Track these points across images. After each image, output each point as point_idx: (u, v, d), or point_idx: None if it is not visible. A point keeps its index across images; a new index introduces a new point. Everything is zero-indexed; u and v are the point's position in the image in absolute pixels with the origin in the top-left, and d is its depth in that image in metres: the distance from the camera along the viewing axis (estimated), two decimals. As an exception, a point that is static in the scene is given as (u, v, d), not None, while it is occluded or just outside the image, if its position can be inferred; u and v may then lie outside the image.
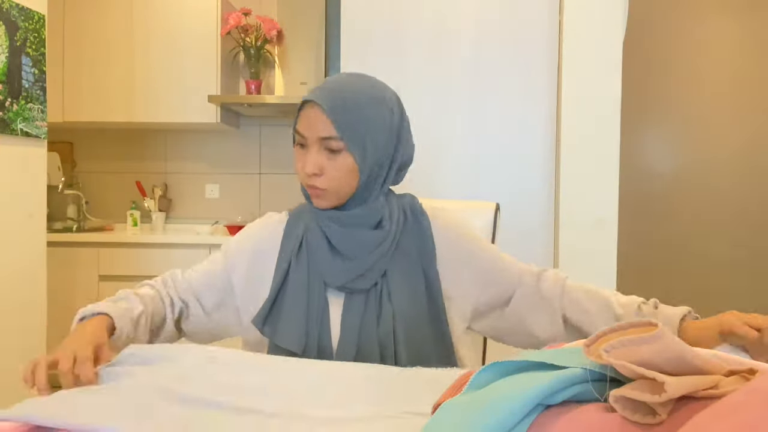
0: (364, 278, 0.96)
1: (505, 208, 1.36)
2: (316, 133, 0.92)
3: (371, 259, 0.96)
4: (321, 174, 0.94)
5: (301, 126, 0.94)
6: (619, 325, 0.44)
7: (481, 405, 0.46)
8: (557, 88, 1.97)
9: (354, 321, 0.95)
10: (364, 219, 0.97)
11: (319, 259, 0.97)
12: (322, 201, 0.96)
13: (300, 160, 0.96)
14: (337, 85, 0.95)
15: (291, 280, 0.98)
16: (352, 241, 0.96)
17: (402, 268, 0.98)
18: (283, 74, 3.05)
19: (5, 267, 2.00)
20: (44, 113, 2.17)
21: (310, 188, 0.96)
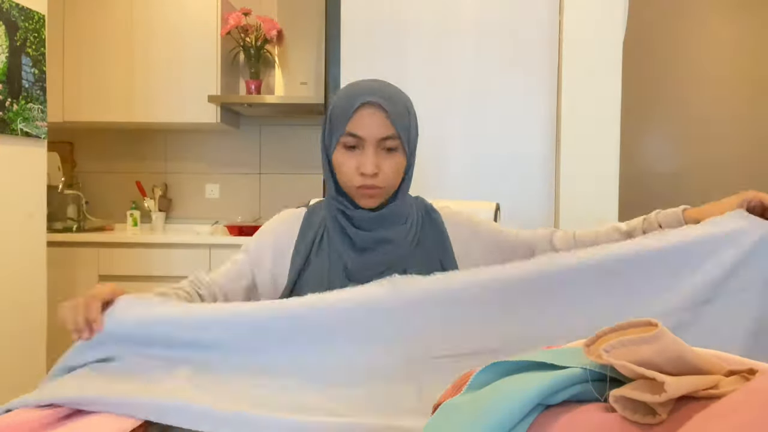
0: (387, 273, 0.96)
1: (505, 208, 1.36)
2: (377, 134, 0.96)
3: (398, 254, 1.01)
4: (379, 173, 0.97)
5: (358, 127, 0.96)
6: (619, 325, 0.44)
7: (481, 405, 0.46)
8: (557, 88, 1.97)
9: None
10: (396, 217, 1.02)
11: (342, 251, 1.01)
12: (375, 200, 1.00)
13: (351, 162, 0.98)
14: (382, 87, 0.99)
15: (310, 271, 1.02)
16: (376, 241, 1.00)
17: (422, 263, 1.02)
18: (283, 74, 3.05)
19: (5, 267, 2.00)
20: (44, 113, 2.17)
21: (364, 188, 0.98)
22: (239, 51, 3.10)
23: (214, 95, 2.90)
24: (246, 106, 2.97)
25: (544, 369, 0.47)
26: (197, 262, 2.77)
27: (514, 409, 0.43)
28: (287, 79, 3.03)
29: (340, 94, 1.02)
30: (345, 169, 0.99)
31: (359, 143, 0.97)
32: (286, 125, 3.27)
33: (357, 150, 0.98)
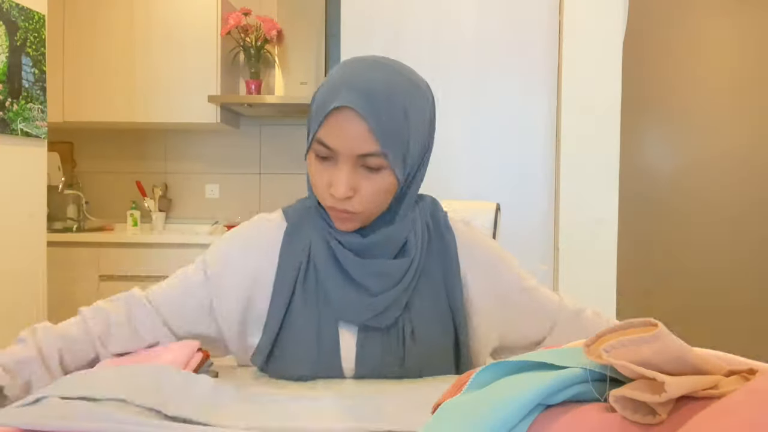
0: (384, 315, 0.79)
1: (505, 208, 1.36)
2: (353, 149, 0.73)
3: (394, 294, 0.79)
4: (354, 195, 0.75)
5: (330, 137, 0.73)
6: (619, 324, 0.44)
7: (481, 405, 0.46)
8: (557, 88, 1.98)
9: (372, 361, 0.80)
10: (389, 245, 0.81)
11: (330, 289, 0.80)
12: (349, 224, 0.79)
13: (323, 176, 0.76)
14: (371, 84, 0.73)
15: (295, 311, 0.81)
16: (373, 274, 0.79)
17: (426, 297, 0.83)
18: (283, 74, 3.05)
19: (5, 267, 2.00)
20: (44, 113, 2.17)
21: (335, 211, 0.77)
22: (239, 51, 3.10)
23: (214, 95, 2.90)
24: (246, 106, 2.97)
25: (544, 369, 0.47)
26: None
27: (514, 409, 0.43)
28: (287, 79, 3.03)
29: (325, 80, 0.79)
30: (317, 182, 0.77)
31: (333, 155, 0.74)
32: (286, 125, 3.27)
33: (330, 161, 0.75)
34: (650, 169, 3.08)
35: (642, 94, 3.00)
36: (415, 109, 0.76)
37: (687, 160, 3.07)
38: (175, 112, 2.97)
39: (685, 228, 3.05)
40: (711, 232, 3.04)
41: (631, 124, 2.90)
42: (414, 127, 0.76)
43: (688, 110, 3.06)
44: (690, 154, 3.07)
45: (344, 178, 0.73)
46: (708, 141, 3.04)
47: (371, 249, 0.80)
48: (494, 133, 2.01)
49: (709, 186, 3.04)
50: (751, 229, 3.03)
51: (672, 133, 3.09)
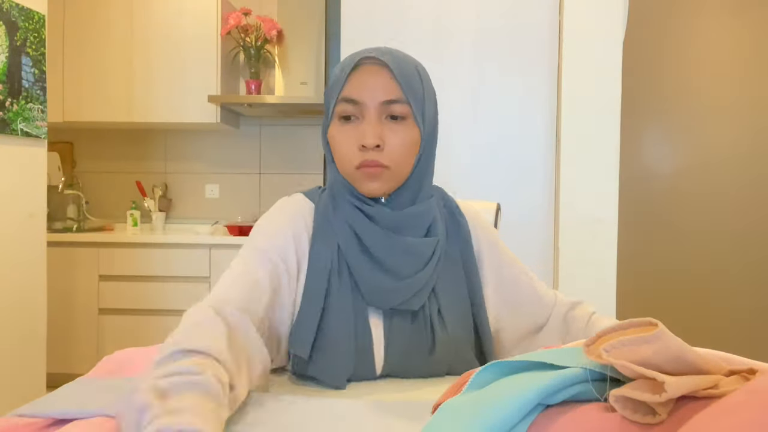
0: (413, 300, 0.79)
1: (505, 208, 1.36)
2: (378, 96, 0.76)
3: (424, 276, 0.79)
4: (383, 147, 0.76)
5: (355, 91, 0.76)
6: (619, 324, 0.44)
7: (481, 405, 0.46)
8: (557, 88, 1.98)
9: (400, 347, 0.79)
10: (418, 222, 0.81)
11: (360, 276, 0.78)
12: (379, 183, 0.78)
13: (349, 136, 0.77)
14: (386, 47, 0.80)
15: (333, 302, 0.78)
16: (402, 252, 0.78)
17: (448, 280, 0.84)
18: (283, 74, 3.05)
19: (5, 267, 2.00)
20: (44, 113, 2.17)
21: (365, 167, 0.77)
22: (239, 51, 3.10)
23: (214, 95, 2.90)
24: (246, 106, 2.97)
25: (544, 369, 0.47)
26: (197, 263, 2.77)
27: (514, 409, 0.43)
28: (287, 79, 3.03)
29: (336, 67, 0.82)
30: (341, 147, 0.78)
31: (358, 111, 0.76)
32: (286, 125, 3.27)
33: (355, 121, 0.77)
34: (650, 169, 3.08)
35: (642, 94, 3.00)
36: (424, 72, 0.82)
37: (687, 160, 3.07)
38: (175, 112, 2.97)
39: (684, 228, 3.05)
40: (710, 231, 3.04)
41: (631, 124, 2.90)
42: (426, 87, 0.80)
43: (688, 110, 3.06)
44: (690, 154, 3.07)
45: (372, 126, 0.76)
46: (707, 141, 3.04)
47: (402, 225, 0.79)
48: (494, 133, 2.01)
49: (708, 186, 3.04)
50: (750, 229, 3.03)
51: (672, 133, 3.09)
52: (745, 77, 3.02)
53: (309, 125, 3.24)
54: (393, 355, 0.79)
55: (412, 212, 0.80)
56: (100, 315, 2.79)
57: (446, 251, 0.85)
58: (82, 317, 2.79)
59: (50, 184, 2.41)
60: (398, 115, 0.77)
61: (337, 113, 0.78)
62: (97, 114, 2.99)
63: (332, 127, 0.80)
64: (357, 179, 0.79)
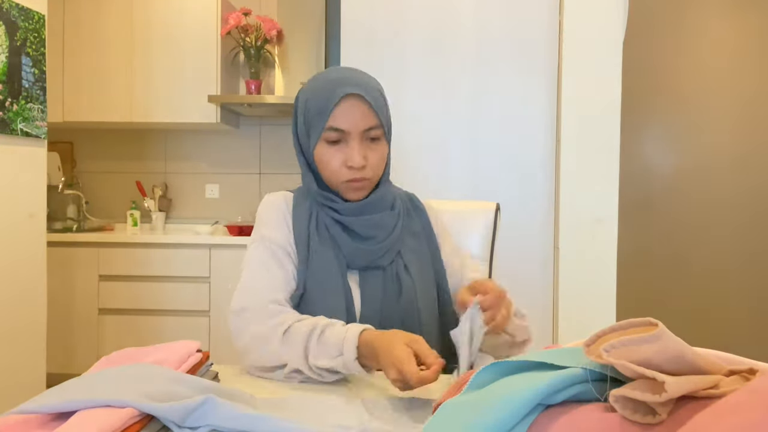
0: (384, 258, 0.98)
1: (505, 208, 1.36)
2: (360, 126, 0.94)
3: (392, 239, 0.99)
4: (366, 164, 0.95)
5: (341, 121, 0.93)
6: (619, 324, 0.44)
7: (481, 405, 0.46)
8: (557, 88, 1.98)
9: (375, 295, 0.97)
10: (384, 201, 1.00)
11: (342, 242, 0.98)
12: (363, 192, 0.98)
13: (337, 157, 0.95)
14: (359, 76, 0.97)
15: (317, 261, 0.97)
16: (375, 225, 0.98)
17: (411, 246, 1.03)
18: (283, 74, 3.05)
19: (5, 267, 2.00)
20: (44, 113, 2.17)
21: (352, 182, 0.96)
22: (239, 51, 3.10)
23: (214, 95, 2.90)
24: (246, 106, 2.97)
25: (544, 369, 0.47)
26: (197, 263, 2.77)
27: (514, 409, 0.43)
28: (287, 79, 3.03)
29: (311, 88, 0.98)
30: (330, 165, 0.96)
31: (342, 137, 0.94)
32: (286, 125, 3.27)
33: (341, 144, 0.95)
34: (650, 169, 3.08)
35: (642, 94, 3.00)
36: (382, 90, 1.00)
37: (687, 160, 3.07)
38: (175, 112, 2.97)
39: (684, 228, 3.05)
40: (711, 231, 3.04)
41: (631, 124, 2.90)
42: (386, 103, 1.00)
43: (688, 110, 3.06)
44: (689, 154, 3.07)
45: (358, 150, 0.94)
46: (707, 141, 3.04)
47: (371, 206, 0.99)
48: (494, 133, 2.01)
49: (708, 186, 3.04)
50: (750, 228, 3.03)
51: (672, 133, 3.09)
52: (745, 77, 3.02)
53: (309, 125, 3.23)
54: (368, 302, 0.96)
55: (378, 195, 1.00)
56: (100, 315, 2.79)
57: (407, 225, 1.05)
58: (82, 317, 2.79)
59: (50, 184, 2.41)
60: (375, 137, 0.96)
61: (324, 138, 0.95)
62: (97, 114, 2.99)
63: (320, 147, 0.96)
64: (343, 190, 0.98)
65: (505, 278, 1.09)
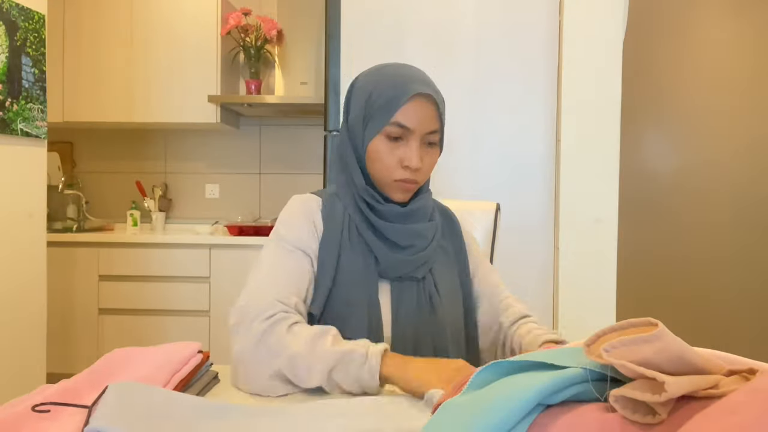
0: (419, 270, 0.95)
1: (505, 208, 1.36)
2: (425, 127, 0.92)
3: (429, 251, 0.97)
4: (421, 168, 0.93)
5: (409, 119, 0.91)
6: (619, 324, 0.44)
7: (481, 405, 0.46)
8: (557, 89, 1.98)
9: (410, 308, 0.94)
10: (424, 210, 0.98)
11: (377, 250, 0.94)
12: (409, 194, 0.96)
13: (394, 154, 0.92)
14: (425, 76, 0.95)
15: (345, 269, 0.93)
16: (415, 235, 0.95)
17: (443, 262, 1.00)
18: (283, 74, 3.05)
19: (5, 267, 2.00)
20: (44, 113, 2.17)
21: (403, 182, 0.93)
22: (239, 51, 3.10)
23: (214, 95, 2.90)
24: (246, 106, 2.97)
25: (544, 369, 0.47)
26: (197, 263, 2.77)
27: (514, 409, 0.43)
28: (287, 79, 3.03)
29: (376, 80, 0.94)
30: (385, 161, 0.92)
31: (405, 134, 0.91)
32: (286, 125, 3.27)
33: (401, 141, 0.92)
34: (650, 170, 3.08)
35: (642, 94, 3.00)
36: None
37: (686, 160, 3.07)
38: (175, 112, 2.97)
39: (684, 228, 3.05)
40: (711, 231, 3.04)
41: (631, 124, 2.90)
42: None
43: (688, 110, 3.06)
44: (689, 154, 3.07)
45: (418, 152, 0.92)
46: (707, 141, 3.04)
47: (415, 214, 0.97)
48: (494, 133, 2.01)
49: (708, 186, 3.04)
50: (750, 229, 3.03)
51: (672, 133, 3.09)
52: (745, 77, 3.02)
53: (309, 125, 3.24)
54: (402, 314, 0.93)
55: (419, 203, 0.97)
56: (100, 315, 2.79)
57: (441, 243, 1.01)
58: (82, 317, 2.79)
59: (50, 184, 2.41)
60: (433, 141, 0.94)
61: (385, 132, 0.92)
62: (97, 114, 2.99)
63: (377, 141, 0.93)
64: (391, 188, 0.95)
65: (505, 278, 1.09)
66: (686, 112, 3.06)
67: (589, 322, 1.90)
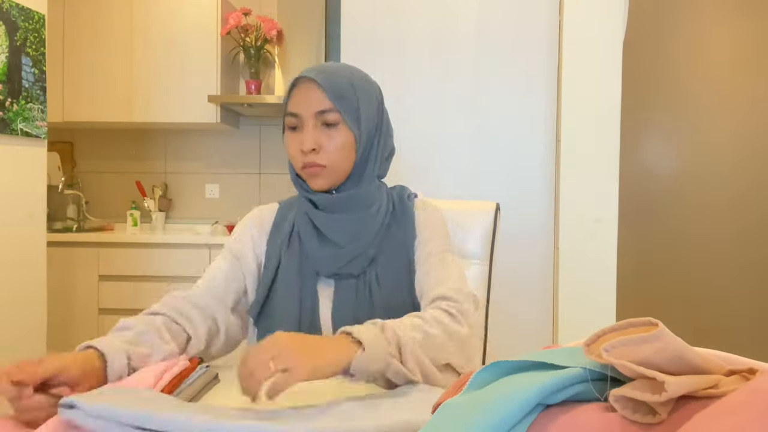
0: (352, 264, 0.94)
1: (505, 208, 1.36)
2: (311, 108, 0.91)
3: (361, 245, 0.95)
4: (319, 150, 0.92)
5: (294, 105, 0.93)
6: (619, 324, 0.44)
7: (481, 405, 0.46)
8: (557, 88, 1.98)
9: (346, 309, 0.94)
10: (356, 201, 0.96)
11: (309, 247, 0.96)
12: (320, 180, 0.94)
13: (295, 143, 0.94)
14: (328, 66, 0.96)
15: (282, 270, 0.97)
16: (340, 227, 0.95)
17: (389, 254, 0.97)
18: (283, 74, 3.05)
19: (5, 267, 2.00)
20: (44, 113, 2.17)
21: (307, 167, 0.93)
22: (239, 51, 3.10)
23: (214, 95, 2.90)
24: (246, 106, 2.97)
25: (544, 369, 0.47)
26: (197, 263, 2.77)
27: (514, 408, 0.43)
28: (287, 79, 3.03)
29: None
30: (290, 151, 0.95)
31: (299, 122, 0.93)
32: (286, 125, 3.27)
33: (298, 130, 0.94)
34: (650, 169, 3.08)
35: (642, 95, 3.00)
36: (360, 84, 0.95)
37: (687, 160, 3.07)
38: (175, 112, 2.97)
39: (684, 228, 3.05)
40: (711, 232, 3.04)
41: (631, 124, 2.90)
42: (362, 97, 0.94)
43: (688, 110, 3.06)
44: (689, 155, 3.06)
45: (308, 134, 0.92)
46: (708, 141, 3.04)
47: (338, 204, 0.96)
48: (494, 133, 2.01)
49: (708, 186, 3.04)
50: (750, 229, 3.03)
51: (672, 133, 3.08)
52: (745, 77, 3.02)
53: (309, 125, 3.24)
54: (339, 316, 0.93)
55: (347, 194, 0.96)
56: (100, 315, 2.79)
57: (389, 231, 0.98)
58: (82, 317, 2.79)
59: (50, 184, 2.41)
60: (331, 122, 0.92)
61: (286, 124, 0.95)
62: (97, 114, 2.99)
63: (285, 136, 0.96)
64: (305, 177, 0.96)
65: (505, 278, 1.09)
66: (686, 112, 3.06)
67: (589, 322, 1.90)
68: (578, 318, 1.92)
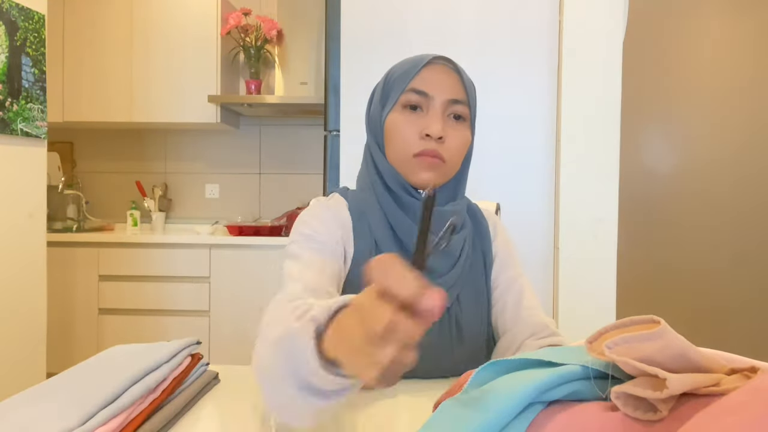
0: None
1: (505, 208, 1.36)
2: (446, 93, 0.80)
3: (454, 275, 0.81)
4: (444, 140, 0.79)
5: (424, 83, 0.80)
6: (621, 321, 0.44)
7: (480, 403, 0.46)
8: (557, 88, 1.98)
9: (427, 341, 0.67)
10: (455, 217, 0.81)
11: None
12: (433, 174, 0.80)
13: (413, 125, 0.80)
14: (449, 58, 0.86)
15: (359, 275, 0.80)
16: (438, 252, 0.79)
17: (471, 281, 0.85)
18: (283, 74, 3.05)
19: (5, 267, 2.00)
20: (44, 113, 2.17)
21: (424, 155, 0.79)
22: (239, 51, 3.10)
23: (214, 95, 2.90)
24: (246, 106, 2.97)
25: (544, 367, 0.47)
26: (197, 263, 2.77)
27: (513, 406, 0.43)
28: (287, 79, 3.03)
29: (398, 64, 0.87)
30: (402, 133, 0.80)
31: (424, 103, 0.80)
32: (286, 125, 3.27)
33: (420, 111, 0.80)
34: (650, 170, 3.08)
35: (642, 94, 3.00)
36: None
37: (687, 160, 3.07)
38: (175, 112, 2.97)
39: (684, 228, 3.05)
40: (711, 232, 3.04)
41: (631, 124, 2.90)
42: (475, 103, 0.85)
43: (688, 110, 3.06)
44: (690, 154, 3.07)
45: (437, 118, 0.79)
46: (708, 141, 3.04)
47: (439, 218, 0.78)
48: (494, 133, 2.01)
49: (708, 186, 3.04)
50: (750, 229, 3.03)
51: (672, 133, 3.09)
52: (745, 77, 3.02)
53: (309, 125, 3.24)
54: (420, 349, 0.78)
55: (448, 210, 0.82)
56: (100, 315, 2.79)
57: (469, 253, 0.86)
58: (82, 317, 2.79)
59: (50, 184, 2.41)
60: (460, 114, 0.81)
61: (402, 101, 0.81)
62: (97, 114, 2.99)
63: (394, 113, 0.82)
64: (412, 167, 0.80)
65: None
66: (686, 112, 3.06)
67: (589, 322, 1.90)
68: (578, 318, 1.92)
